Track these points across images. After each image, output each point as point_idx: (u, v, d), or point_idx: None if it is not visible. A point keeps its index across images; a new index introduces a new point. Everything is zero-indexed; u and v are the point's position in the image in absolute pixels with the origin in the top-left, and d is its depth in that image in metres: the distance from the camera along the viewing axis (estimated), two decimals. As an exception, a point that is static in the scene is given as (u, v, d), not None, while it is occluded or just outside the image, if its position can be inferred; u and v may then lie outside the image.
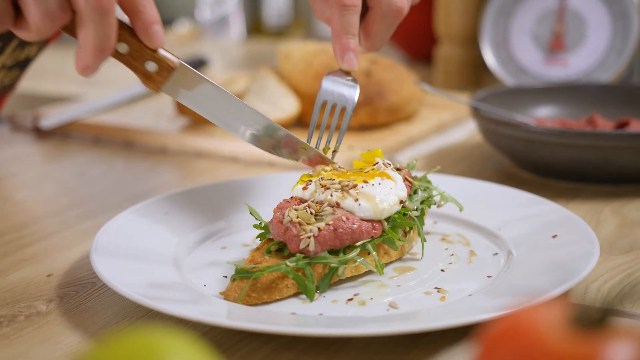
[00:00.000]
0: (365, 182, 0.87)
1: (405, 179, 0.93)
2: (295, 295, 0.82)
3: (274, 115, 1.43)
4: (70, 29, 0.79)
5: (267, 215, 0.93)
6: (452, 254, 0.93)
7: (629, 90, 1.42)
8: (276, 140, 0.91)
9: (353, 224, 0.83)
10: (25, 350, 0.76)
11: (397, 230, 0.87)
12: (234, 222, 1.02)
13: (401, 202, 0.87)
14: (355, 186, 0.86)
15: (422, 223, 0.93)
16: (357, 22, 0.94)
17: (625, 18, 1.55)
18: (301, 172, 1.09)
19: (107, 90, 1.85)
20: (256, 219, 0.89)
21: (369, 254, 0.85)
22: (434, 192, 0.98)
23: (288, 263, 0.79)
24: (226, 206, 1.04)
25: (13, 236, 1.05)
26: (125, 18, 0.82)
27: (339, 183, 0.87)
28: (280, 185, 1.07)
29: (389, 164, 0.93)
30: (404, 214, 0.90)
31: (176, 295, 0.80)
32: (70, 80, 2.14)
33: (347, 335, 0.72)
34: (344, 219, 0.83)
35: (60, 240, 1.03)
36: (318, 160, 0.94)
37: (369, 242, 0.84)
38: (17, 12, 0.77)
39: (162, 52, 0.83)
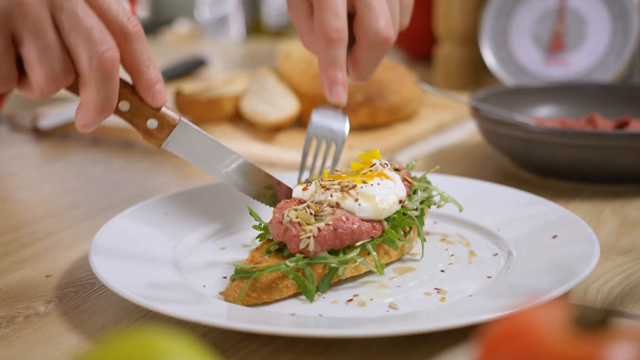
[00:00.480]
0: (365, 182, 0.87)
1: (404, 179, 0.93)
2: (295, 295, 0.82)
3: (274, 115, 1.43)
4: (73, 88, 0.81)
5: (266, 216, 0.93)
6: (452, 255, 0.93)
7: (629, 90, 1.42)
8: (268, 191, 0.95)
9: (353, 224, 0.82)
10: (24, 351, 0.75)
11: (397, 230, 0.87)
12: (233, 222, 1.02)
13: (400, 201, 0.87)
14: (354, 187, 0.86)
15: (422, 223, 0.93)
16: (345, 55, 0.93)
17: (625, 18, 1.55)
18: (299, 172, 1.09)
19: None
20: (256, 219, 0.88)
21: (369, 254, 0.85)
22: (434, 192, 0.98)
23: (288, 263, 0.79)
24: (225, 207, 1.03)
25: (12, 236, 1.05)
26: (126, 76, 0.83)
27: (339, 184, 0.87)
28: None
29: (387, 164, 0.93)
30: (404, 214, 0.89)
31: (175, 296, 0.80)
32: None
33: (346, 336, 0.71)
34: (344, 219, 0.82)
35: (59, 240, 1.03)
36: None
37: (369, 242, 0.84)
38: (21, 73, 0.78)
39: (163, 109, 0.85)
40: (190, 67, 2.03)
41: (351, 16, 0.96)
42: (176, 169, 1.35)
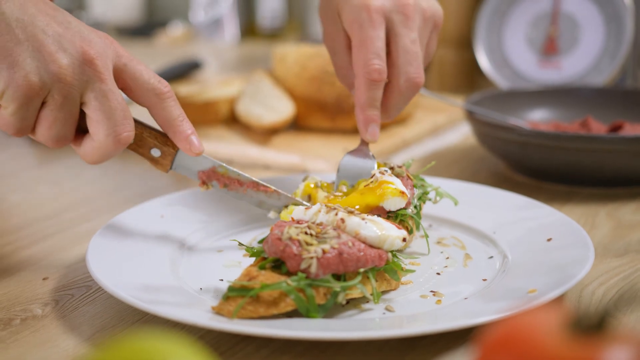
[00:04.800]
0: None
1: (407, 177, 0.93)
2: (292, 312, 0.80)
3: (269, 118, 1.43)
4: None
5: (260, 215, 0.93)
6: (448, 257, 0.93)
7: (622, 94, 1.42)
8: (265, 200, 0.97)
9: (359, 251, 0.79)
10: (21, 353, 0.76)
11: (399, 264, 0.84)
12: (229, 225, 1.02)
13: (404, 239, 0.84)
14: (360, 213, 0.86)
15: (420, 217, 0.94)
16: (381, 95, 0.95)
17: (619, 21, 1.56)
18: (298, 174, 1.10)
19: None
20: (246, 250, 0.85)
21: (368, 277, 0.81)
22: (428, 189, 0.98)
23: (289, 282, 0.76)
24: (222, 209, 1.04)
25: (8, 239, 1.05)
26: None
27: (345, 209, 0.86)
28: (275, 187, 1.07)
29: (386, 171, 0.93)
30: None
31: (172, 299, 0.80)
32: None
33: (343, 338, 0.72)
34: (350, 244, 0.79)
35: (56, 243, 1.03)
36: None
37: (371, 269, 0.81)
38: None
39: (164, 138, 0.91)
40: (185, 70, 2.03)
41: None
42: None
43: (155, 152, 0.91)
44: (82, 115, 0.84)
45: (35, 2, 0.81)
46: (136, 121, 0.88)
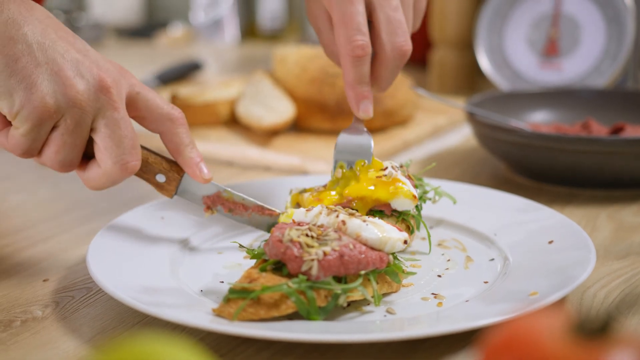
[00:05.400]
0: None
1: (407, 177, 0.93)
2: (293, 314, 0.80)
3: (269, 119, 1.43)
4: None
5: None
6: (449, 260, 0.93)
7: (623, 95, 1.42)
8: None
9: (360, 253, 0.79)
10: (21, 355, 0.75)
11: (400, 267, 0.84)
12: (229, 227, 1.02)
13: (405, 241, 0.84)
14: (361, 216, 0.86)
15: (421, 217, 0.94)
16: (369, 70, 0.95)
17: (620, 22, 1.56)
18: (296, 176, 1.10)
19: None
20: (247, 252, 0.85)
21: (369, 280, 0.81)
22: (427, 188, 0.98)
23: (290, 284, 0.76)
24: (222, 211, 1.03)
25: (8, 240, 1.04)
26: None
27: (346, 210, 0.86)
28: (275, 189, 1.07)
29: (398, 168, 0.93)
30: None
31: (173, 301, 0.80)
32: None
33: (344, 341, 0.71)
34: (351, 246, 0.79)
35: (56, 244, 1.03)
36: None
37: (372, 272, 0.81)
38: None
39: (169, 164, 0.92)
40: (185, 71, 2.03)
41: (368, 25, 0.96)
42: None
43: (161, 178, 0.92)
44: (90, 141, 0.85)
45: (56, 28, 0.83)
46: (142, 147, 0.90)
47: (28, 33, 0.80)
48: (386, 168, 0.92)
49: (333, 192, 0.93)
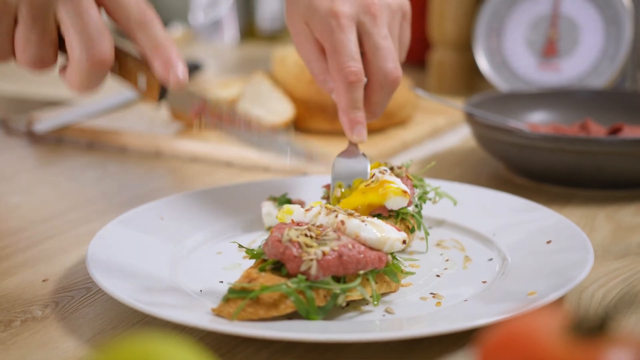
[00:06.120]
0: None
1: (406, 177, 0.93)
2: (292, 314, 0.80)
3: (269, 120, 1.43)
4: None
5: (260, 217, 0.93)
6: (447, 260, 0.94)
7: (622, 96, 1.43)
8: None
9: (359, 253, 0.79)
10: (21, 355, 0.76)
11: (399, 266, 0.85)
12: (229, 226, 1.02)
13: (404, 241, 0.84)
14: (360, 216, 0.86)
15: (421, 217, 0.94)
16: (362, 96, 0.96)
17: (618, 23, 1.56)
18: (298, 176, 1.10)
19: (101, 94, 1.85)
20: (246, 252, 0.85)
21: (368, 280, 0.81)
22: (427, 188, 0.99)
23: (289, 284, 0.76)
24: (221, 211, 1.04)
25: (8, 241, 1.05)
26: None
27: (345, 211, 0.86)
28: (274, 189, 1.08)
29: (386, 170, 0.93)
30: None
31: (172, 300, 0.80)
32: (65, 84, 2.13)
33: (343, 340, 0.72)
34: (350, 246, 0.79)
35: (56, 245, 1.03)
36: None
37: (371, 271, 0.81)
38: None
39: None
40: (185, 71, 2.03)
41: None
42: (171, 174, 1.35)
43: (143, 83, 0.86)
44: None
45: None
46: (121, 49, 0.85)
47: None
48: (373, 175, 0.93)
49: None
